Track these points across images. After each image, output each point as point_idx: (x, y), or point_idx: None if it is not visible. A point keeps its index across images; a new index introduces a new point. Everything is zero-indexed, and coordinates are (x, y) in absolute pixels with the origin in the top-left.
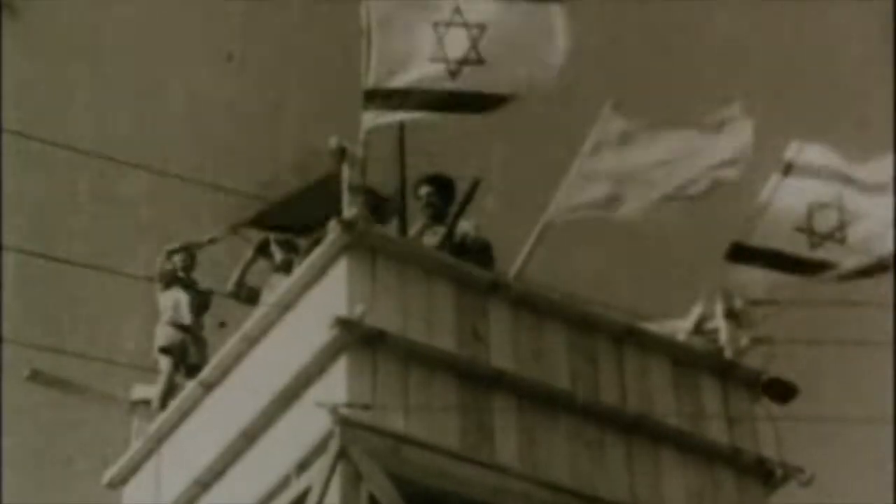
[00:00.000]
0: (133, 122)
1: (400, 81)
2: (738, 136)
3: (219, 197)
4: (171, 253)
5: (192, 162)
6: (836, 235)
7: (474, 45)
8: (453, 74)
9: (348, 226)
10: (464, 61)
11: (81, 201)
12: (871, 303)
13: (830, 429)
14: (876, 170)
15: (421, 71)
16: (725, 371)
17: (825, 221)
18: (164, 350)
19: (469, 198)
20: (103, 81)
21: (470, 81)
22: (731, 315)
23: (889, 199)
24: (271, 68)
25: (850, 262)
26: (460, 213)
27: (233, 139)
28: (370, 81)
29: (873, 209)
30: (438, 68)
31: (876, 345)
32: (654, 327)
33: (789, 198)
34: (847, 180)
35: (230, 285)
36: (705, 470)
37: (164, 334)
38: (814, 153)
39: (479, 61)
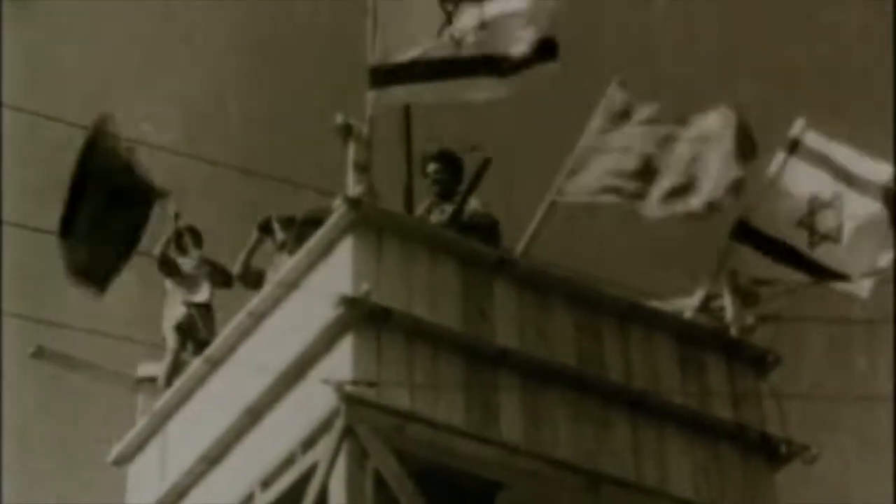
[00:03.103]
0: (134, 100)
1: (405, 56)
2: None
3: (220, 174)
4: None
5: (191, 139)
6: (833, 235)
7: (481, 15)
8: (459, 43)
9: (354, 204)
10: (472, 34)
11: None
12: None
13: (833, 407)
14: (876, 169)
15: (426, 44)
16: (731, 349)
17: (825, 221)
18: (174, 327)
19: (480, 176)
20: (103, 60)
21: (475, 48)
22: (737, 293)
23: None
24: (278, 48)
25: (843, 264)
26: (470, 190)
27: (235, 118)
28: (375, 59)
29: (871, 214)
30: (443, 39)
31: (877, 323)
32: (659, 305)
33: (793, 181)
34: (848, 178)
35: (236, 268)
36: (710, 448)
37: (172, 311)
38: (817, 140)
39: (484, 27)
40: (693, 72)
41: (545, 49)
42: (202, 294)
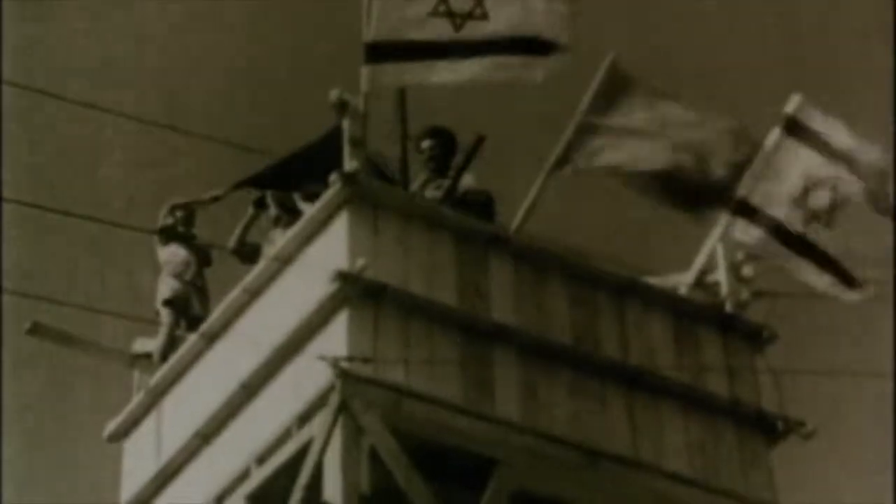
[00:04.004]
0: (136, 76)
1: (401, 34)
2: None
3: (222, 151)
4: (173, 209)
5: (192, 116)
6: (824, 218)
7: (479, 2)
8: (458, 28)
9: (349, 179)
10: (468, 16)
11: (81, 153)
12: (870, 258)
13: (831, 383)
14: (873, 153)
15: (423, 24)
16: (726, 324)
17: (817, 200)
18: (167, 303)
19: (474, 153)
20: (104, 35)
21: (475, 33)
22: (733, 269)
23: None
24: (273, 25)
25: (832, 248)
26: (465, 167)
27: (237, 93)
28: (371, 35)
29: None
30: (442, 22)
31: (875, 299)
32: (655, 281)
33: (789, 158)
34: (844, 159)
35: (232, 243)
36: (706, 423)
37: (166, 287)
38: (814, 116)
39: (484, 16)
40: (691, 46)
41: (543, 47)
42: (188, 271)
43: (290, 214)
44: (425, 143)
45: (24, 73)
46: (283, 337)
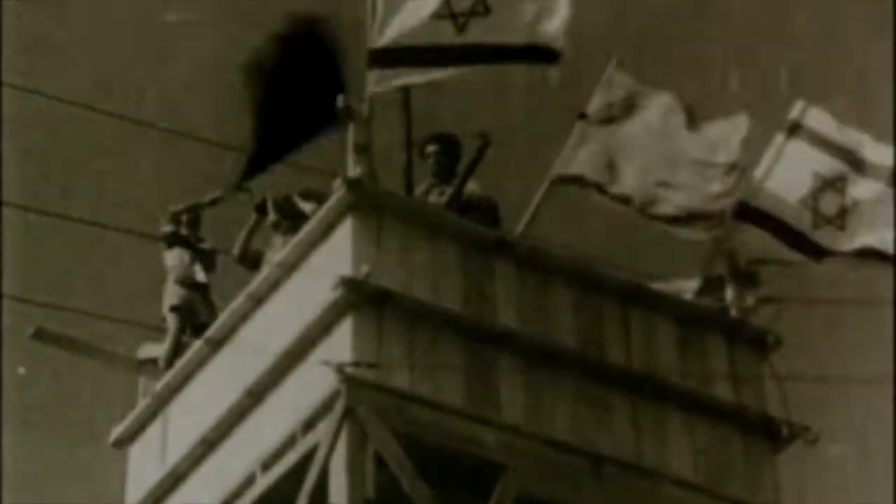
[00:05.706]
0: (137, 78)
1: (405, 39)
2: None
3: (223, 154)
4: (175, 213)
5: (195, 118)
6: (837, 222)
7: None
8: (460, 29)
9: (353, 185)
10: (470, 13)
11: (85, 157)
12: (873, 263)
13: (835, 388)
14: (880, 152)
15: (426, 28)
16: (731, 330)
17: (827, 205)
18: (173, 308)
19: (479, 158)
20: (108, 37)
21: (478, 34)
22: (737, 274)
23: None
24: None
25: (846, 248)
26: (470, 173)
27: (237, 96)
28: (375, 40)
29: (874, 197)
30: (444, 24)
31: (878, 304)
32: (660, 286)
33: (794, 163)
34: (851, 160)
35: (236, 249)
36: (711, 429)
37: (172, 293)
38: (817, 119)
39: (487, 11)
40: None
41: (547, 55)
42: (200, 274)
43: (289, 220)
44: (430, 149)
45: (25, 75)
46: (287, 343)
